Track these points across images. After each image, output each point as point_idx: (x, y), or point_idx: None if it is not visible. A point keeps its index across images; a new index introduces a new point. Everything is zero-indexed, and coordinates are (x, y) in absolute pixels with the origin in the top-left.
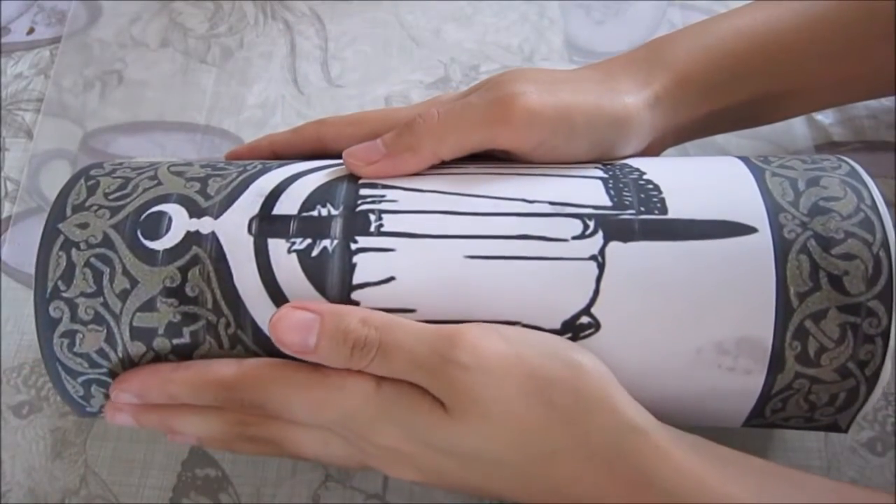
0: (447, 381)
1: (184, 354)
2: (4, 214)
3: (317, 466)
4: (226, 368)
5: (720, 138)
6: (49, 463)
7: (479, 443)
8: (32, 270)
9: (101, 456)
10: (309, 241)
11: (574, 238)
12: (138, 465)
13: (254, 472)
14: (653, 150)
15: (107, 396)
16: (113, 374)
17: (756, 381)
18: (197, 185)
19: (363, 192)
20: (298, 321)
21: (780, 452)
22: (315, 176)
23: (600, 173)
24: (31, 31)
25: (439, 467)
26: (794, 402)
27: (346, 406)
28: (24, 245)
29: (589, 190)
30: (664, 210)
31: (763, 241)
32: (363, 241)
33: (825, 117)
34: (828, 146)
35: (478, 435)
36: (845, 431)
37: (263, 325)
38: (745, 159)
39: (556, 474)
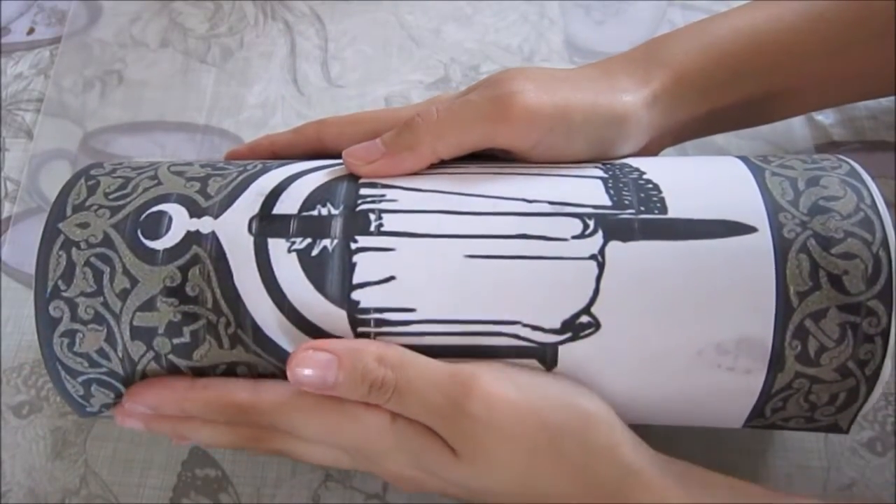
0: (459, 431)
1: (184, 354)
2: (4, 214)
3: (317, 467)
4: (242, 392)
5: (720, 138)
6: (49, 463)
7: (486, 483)
8: (32, 270)
9: (101, 456)
10: (309, 240)
11: (574, 237)
12: (138, 465)
13: (254, 472)
14: (651, 149)
15: (116, 398)
16: (113, 374)
17: (756, 381)
18: (197, 185)
19: (363, 191)
20: (316, 363)
21: (780, 453)
22: (315, 176)
23: (600, 173)
24: (31, 31)
25: (444, 490)
26: (794, 401)
27: (361, 435)
28: (24, 245)
29: (588, 189)
30: (664, 209)
31: (763, 240)
32: (363, 241)
33: (825, 117)
34: (828, 146)
35: (485, 478)
36: (846, 432)
37: (263, 324)
38: (744, 159)
39: None
